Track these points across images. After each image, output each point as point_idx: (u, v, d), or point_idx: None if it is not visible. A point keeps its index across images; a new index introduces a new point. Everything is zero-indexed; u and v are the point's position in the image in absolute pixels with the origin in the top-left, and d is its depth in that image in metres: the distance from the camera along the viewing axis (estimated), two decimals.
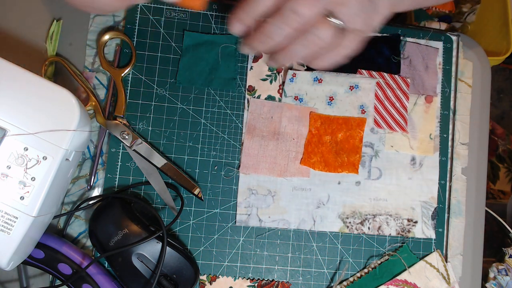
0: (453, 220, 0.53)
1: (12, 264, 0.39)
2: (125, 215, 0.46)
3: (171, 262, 0.46)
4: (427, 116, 0.54)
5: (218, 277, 0.50)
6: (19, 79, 0.39)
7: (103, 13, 0.43)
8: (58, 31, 0.50)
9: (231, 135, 0.51)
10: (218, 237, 0.50)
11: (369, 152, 0.52)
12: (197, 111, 0.51)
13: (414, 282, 0.51)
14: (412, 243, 0.52)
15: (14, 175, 0.38)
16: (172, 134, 0.50)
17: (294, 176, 0.51)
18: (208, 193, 0.50)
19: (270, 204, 0.50)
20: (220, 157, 0.50)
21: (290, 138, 0.51)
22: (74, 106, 0.39)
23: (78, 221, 0.49)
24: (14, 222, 0.38)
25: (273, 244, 0.51)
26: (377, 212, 0.52)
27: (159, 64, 0.50)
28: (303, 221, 0.51)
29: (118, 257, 0.45)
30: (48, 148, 0.38)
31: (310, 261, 0.51)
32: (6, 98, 0.38)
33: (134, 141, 0.48)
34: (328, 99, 0.52)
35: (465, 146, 0.54)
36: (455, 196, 0.54)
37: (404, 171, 0.53)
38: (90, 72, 0.50)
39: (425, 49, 0.54)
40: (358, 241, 0.51)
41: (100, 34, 0.50)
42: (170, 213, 0.49)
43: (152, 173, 0.48)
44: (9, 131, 0.38)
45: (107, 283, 0.46)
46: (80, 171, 0.49)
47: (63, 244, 0.46)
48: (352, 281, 0.51)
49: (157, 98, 0.50)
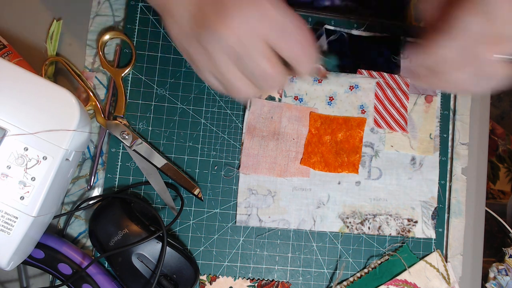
0: (453, 220, 0.53)
1: (12, 264, 0.39)
2: (125, 215, 0.46)
3: (171, 262, 0.46)
4: (427, 116, 0.54)
5: (218, 277, 0.50)
6: (19, 79, 0.39)
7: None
8: (58, 31, 0.50)
9: (231, 135, 0.51)
10: (218, 237, 0.50)
11: (369, 152, 0.52)
12: (197, 111, 0.51)
13: (414, 282, 0.51)
14: (412, 243, 0.52)
15: (14, 175, 0.38)
16: (172, 134, 0.50)
17: (294, 176, 0.51)
18: (208, 193, 0.50)
19: (270, 204, 0.50)
20: (220, 157, 0.50)
21: (290, 138, 0.51)
22: (74, 106, 0.39)
23: (78, 221, 0.49)
24: (14, 222, 0.38)
25: (273, 244, 0.51)
26: (377, 212, 0.52)
27: (159, 64, 0.50)
28: (303, 221, 0.51)
29: (118, 257, 0.45)
30: (48, 148, 0.38)
31: (310, 261, 0.51)
32: (6, 98, 0.38)
33: (134, 141, 0.48)
34: (328, 99, 0.52)
35: (465, 146, 0.54)
36: (455, 196, 0.54)
37: (404, 171, 0.53)
38: (90, 72, 0.50)
39: None
40: (358, 241, 0.51)
41: (100, 34, 0.50)
42: (170, 213, 0.49)
43: (152, 173, 0.48)
44: (9, 131, 0.38)
45: (107, 283, 0.46)
46: (80, 171, 0.49)
47: (63, 244, 0.46)
48: (352, 281, 0.51)
49: (157, 98, 0.50)
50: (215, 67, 0.36)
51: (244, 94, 0.37)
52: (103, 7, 0.51)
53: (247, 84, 0.37)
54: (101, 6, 0.51)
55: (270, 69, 0.35)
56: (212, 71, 0.37)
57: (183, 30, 0.36)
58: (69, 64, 0.48)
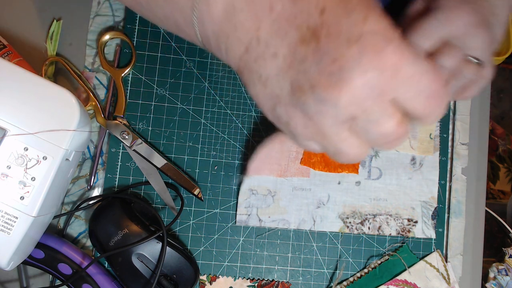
0: (453, 220, 0.53)
1: (12, 264, 0.39)
2: (125, 215, 0.46)
3: (171, 262, 0.46)
4: None
5: (218, 277, 0.50)
6: (19, 79, 0.39)
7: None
8: (58, 31, 0.50)
9: (231, 135, 0.51)
10: (218, 237, 0.50)
11: (369, 152, 0.52)
12: (197, 111, 0.51)
13: (414, 282, 0.51)
14: (412, 243, 0.52)
15: (14, 175, 0.38)
16: (172, 134, 0.50)
17: (294, 176, 0.51)
18: (208, 193, 0.50)
19: (270, 204, 0.50)
20: (220, 157, 0.50)
21: None
22: (74, 106, 0.39)
23: (78, 221, 0.49)
24: (14, 222, 0.38)
25: (273, 244, 0.51)
26: (377, 212, 0.52)
27: (159, 64, 0.50)
28: (303, 221, 0.51)
29: (118, 257, 0.45)
30: (48, 148, 0.38)
31: (310, 261, 0.51)
32: (6, 98, 0.38)
33: (134, 141, 0.48)
34: None
35: (465, 146, 0.54)
36: (455, 196, 0.54)
37: (404, 171, 0.53)
38: (90, 72, 0.50)
39: None
40: (358, 241, 0.51)
41: (100, 34, 0.50)
42: (170, 213, 0.49)
43: (152, 173, 0.48)
44: (9, 131, 0.38)
45: (107, 283, 0.46)
46: (80, 171, 0.49)
47: (63, 244, 0.46)
48: (352, 281, 0.51)
49: (157, 98, 0.50)
50: (321, 135, 0.28)
51: (355, 158, 0.30)
52: (103, 7, 0.51)
53: (360, 147, 0.29)
54: (101, 6, 0.51)
55: (397, 129, 0.27)
56: (315, 138, 0.29)
57: (275, 94, 0.29)
58: (69, 64, 0.48)
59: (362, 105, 0.25)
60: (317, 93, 0.26)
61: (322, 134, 0.28)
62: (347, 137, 0.28)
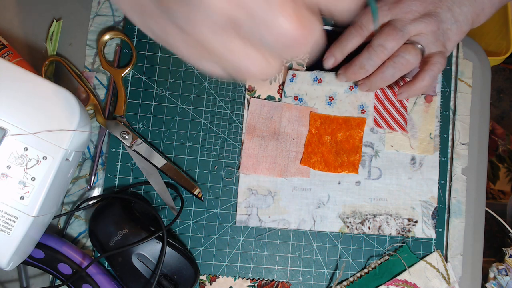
0: (453, 220, 0.53)
1: (12, 264, 0.39)
2: (125, 215, 0.46)
3: (171, 262, 0.46)
4: (427, 115, 0.54)
5: (218, 277, 0.50)
6: (19, 79, 0.39)
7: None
8: (58, 31, 0.50)
9: (231, 135, 0.51)
10: (218, 237, 0.50)
11: (369, 152, 0.52)
12: (197, 111, 0.51)
13: (414, 282, 0.51)
14: (412, 243, 0.52)
15: (14, 175, 0.38)
16: (172, 134, 0.50)
17: (294, 176, 0.51)
18: (208, 193, 0.50)
19: (270, 204, 0.50)
20: (220, 157, 0.50)
21: (290, 138, 0.51)
22: (74, 106, 0.39)
23: (78, 221, 0.49)
24: (14, 222, 0.38)
25: (273, 244, 0.51)
26: (377, 212, 0.52)
27: (159, 64, 0.50)
28: (303, 221, 0.51)
29: (118, 257, 0.45)
30: (48, 148, 0.38)
31: (310, 261, 0.51)
32: (6, 98, 0.38)
33: (134, 141, 0.48)
34: (328, 99, 0.52)
35: (465, 146, 0.54)
36: (455, 196, 0.54)
37: (404, 171, 0.53)
38: (90, 72, 0.50)
39: None
40: (358, 241, 0.51)
41: (100, 34, 0.50)
42: (170, 213, 0.49)
43: (152, 173, 0.48)
44: (9, 131, 0.38)
45: (107, 283, 0.46)
46: (80, 171, 0.49)
47: (63, 244, 0.46)
48: (352, 281, 0.51)
49: (157, 98, 0.50)
50: (206, 51, 0.24)
51: (261, 74, 0.24)
52: (103, 7, 0.51)
53: (262, 60, 0.24)
54: (101, 6, 0.51)
55: (295, 29, 0.21)
56: (204, 56, 0.25)
57: (140, 3, 0.24)
58: (69, 64, 0.48)
59: (236, 1, 0.21)
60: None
61: (207, 49, 0.24)
62: (239, 48, 0.23)
